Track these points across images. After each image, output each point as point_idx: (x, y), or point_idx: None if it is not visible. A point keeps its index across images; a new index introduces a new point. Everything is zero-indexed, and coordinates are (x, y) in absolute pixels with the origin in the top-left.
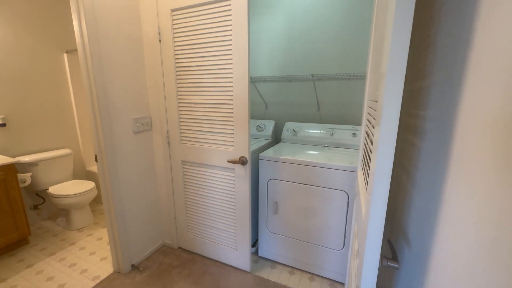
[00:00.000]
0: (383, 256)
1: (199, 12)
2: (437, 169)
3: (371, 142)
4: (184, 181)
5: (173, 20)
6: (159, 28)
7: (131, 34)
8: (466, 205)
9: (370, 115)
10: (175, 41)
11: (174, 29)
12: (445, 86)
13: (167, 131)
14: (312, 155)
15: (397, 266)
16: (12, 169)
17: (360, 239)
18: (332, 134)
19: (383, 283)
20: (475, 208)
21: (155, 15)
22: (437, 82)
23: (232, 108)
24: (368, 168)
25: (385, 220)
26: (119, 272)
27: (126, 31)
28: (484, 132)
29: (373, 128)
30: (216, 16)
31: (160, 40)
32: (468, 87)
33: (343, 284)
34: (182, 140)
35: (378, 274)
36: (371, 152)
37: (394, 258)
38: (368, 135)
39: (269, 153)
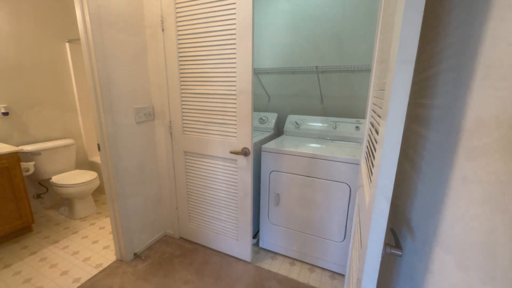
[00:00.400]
0: (386, 244)
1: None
2: (444, 159)
3: (377, 132)
4: (186, 172)
5: (176, 8)
6: (161, 16)
7: (133, 22)
8: (473, 196)
9: (376, 105)
10: (178, 30)
11: (177, 17)
12: (455, 74)
13: (170, 121)
14: (315, 147)
15: (400, 253)
16: (15, 158)
17: (363, 229)
18: (335, 127)
19: (384, 269)
20: (482, 198)
21: (158, 3)
22: (447, 69)
23: (235, 99)
24: (373, 159)
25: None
26: (121, 261)
27: (128, 20)
28: (495, 122)
29: (379, 117)
30: (220, 4)
31: (163, 29)
32: (478, 76)
33: (343, 275)
34: (184, 130)
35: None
36: (376, 142)
37: (397, 246)
38: (373, 125)
39: (272, 145)
